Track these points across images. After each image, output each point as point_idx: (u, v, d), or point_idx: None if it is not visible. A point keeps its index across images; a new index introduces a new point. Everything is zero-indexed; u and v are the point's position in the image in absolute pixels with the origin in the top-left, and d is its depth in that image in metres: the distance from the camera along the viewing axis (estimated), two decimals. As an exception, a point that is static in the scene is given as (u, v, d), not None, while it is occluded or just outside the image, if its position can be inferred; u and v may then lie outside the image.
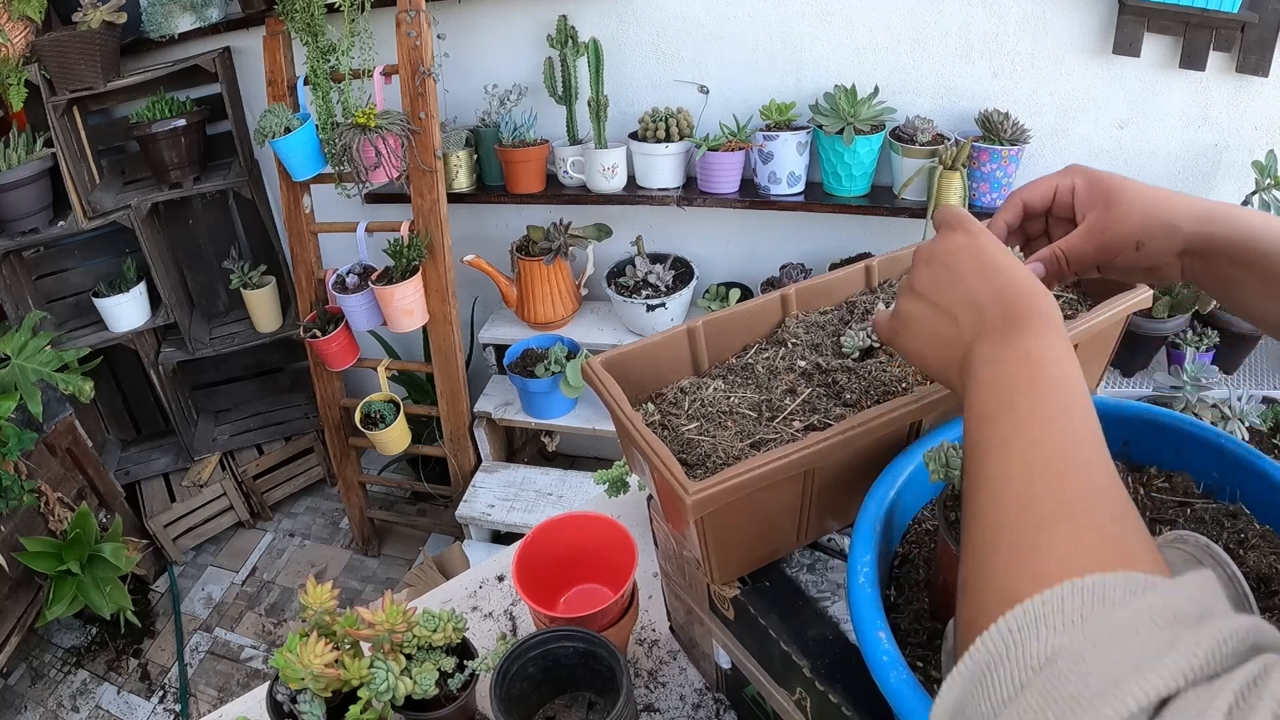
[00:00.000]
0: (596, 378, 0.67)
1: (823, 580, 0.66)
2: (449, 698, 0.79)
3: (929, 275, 0.52)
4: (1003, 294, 0.48)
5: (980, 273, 0.50)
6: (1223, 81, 1.70)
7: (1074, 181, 0.61)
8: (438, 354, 2.20)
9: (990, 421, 0.43)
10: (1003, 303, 0.48)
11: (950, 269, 0.51)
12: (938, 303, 0.51)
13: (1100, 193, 0.59)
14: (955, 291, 0.50)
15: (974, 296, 0.49)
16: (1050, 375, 0.43)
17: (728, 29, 1.94)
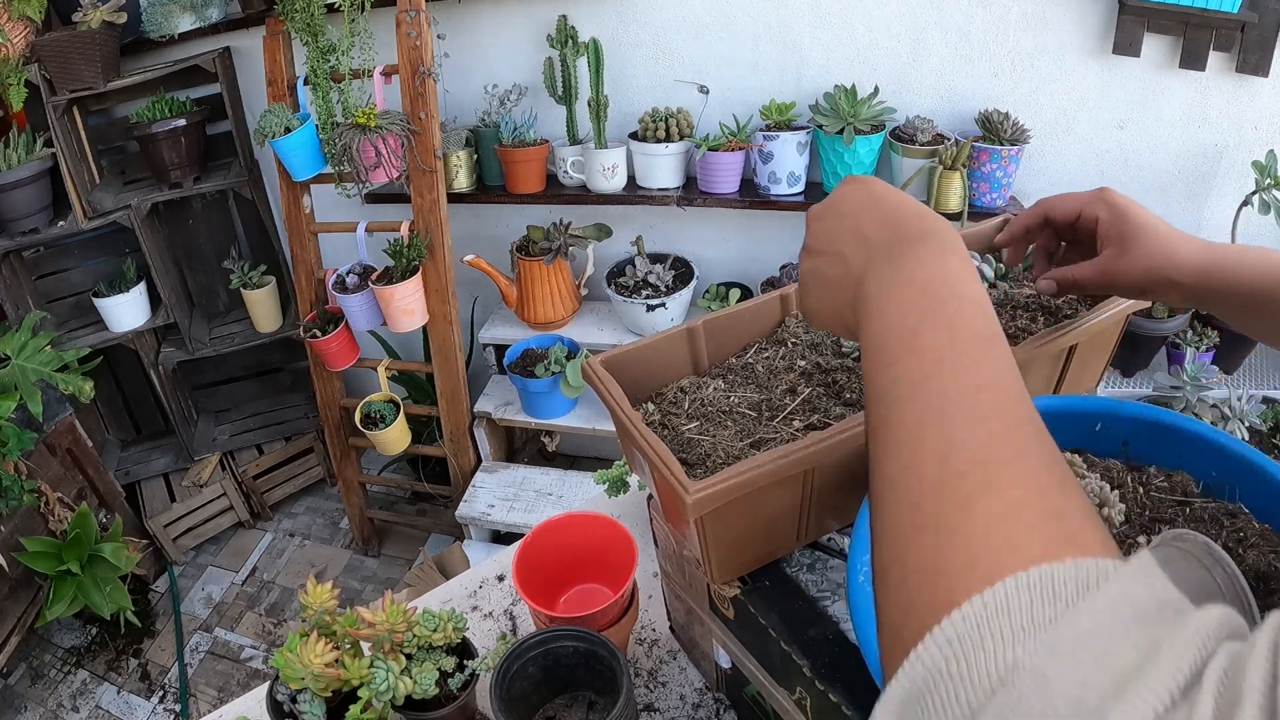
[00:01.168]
0: (596, 377, 0.67)
1: (823, 580, 0.66)
2: (449, 698, 0.79)
3: (817, 228, 0.50)
4: (891, 220, 0.45)
5: (868, 207, 0.47)
6: (1223, 81, 1.70)
7: (1099, 213, 0.60)
8: (438, 354, 2.20)
9: (891, 365, 0.37)
10: (892, 228, 0.44)
11: (837, 213, 0.49)
12: (826, 250, 0.48)
13: (1118, 233, 0.59)
14: (842, 232, 0.47)
15: (860, 229, 0.46)
16: (956, 302, 0.38)
17: (728, 29, 1.94)
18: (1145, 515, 0.60)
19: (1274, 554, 0.53)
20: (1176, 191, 1.86)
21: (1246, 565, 0.53)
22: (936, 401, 0.35)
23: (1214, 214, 1.86)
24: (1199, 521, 0.58)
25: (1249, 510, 0.58)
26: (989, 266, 0.82)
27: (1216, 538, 0.56)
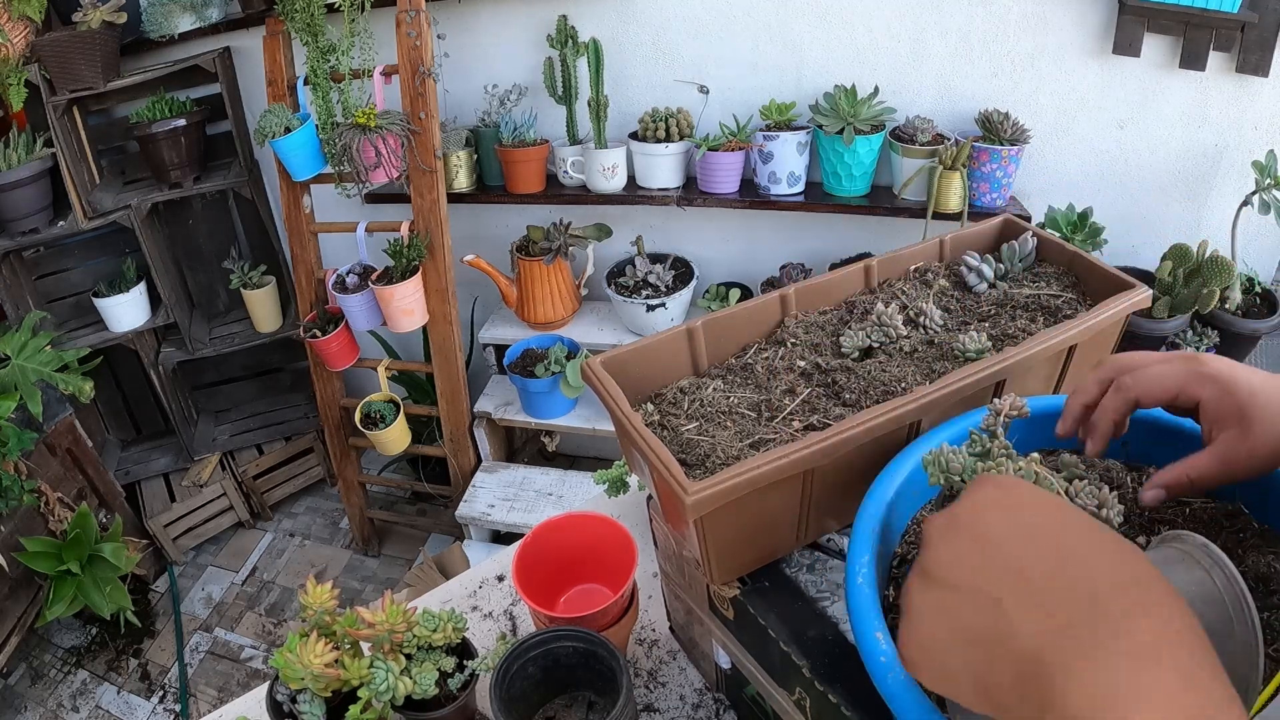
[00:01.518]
0: (596, 378, 0.67)
1: (822, 580, 0.66)
2: (449, 698, 0.79)
3: (946, 551, 0.37)
4: (1068, 555, 0.33)
5: (1027, 537, 0.35)
6: (1223, 81, 1.70)
7: (1202, 393, 0.50)
8: (438, 354, 2.20)
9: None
10: (1082, 581, 0.32)
11: (976, 534, 0.36)
12: (959, 583, 0.35)
13: (1233, 409, 0.49)
14: (992, 564, 0.34)
15: (1020, 568, 0.33)
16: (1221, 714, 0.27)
17: (728, 29, 1.94)
18: (1145, 516, 0.59)
19: (1274, 555, 0.53)
20: (1176, 191, 1.86)
21: (1246, 566, 0.53)
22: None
23: (1214, 214, 1.86)
24: (1199, 522, 0.58)
25: (1249, 511, 0.58)
26: (989, 266, 0.82)
27: (1216, 539, 0.56)
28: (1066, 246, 0.82)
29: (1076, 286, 0.79)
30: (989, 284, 0.82)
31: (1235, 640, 0.42)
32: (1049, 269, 0.83)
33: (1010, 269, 0.84)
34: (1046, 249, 0.85)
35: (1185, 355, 0.53)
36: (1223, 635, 0.43)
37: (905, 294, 0.81)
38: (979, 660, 0.33)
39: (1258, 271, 1.84)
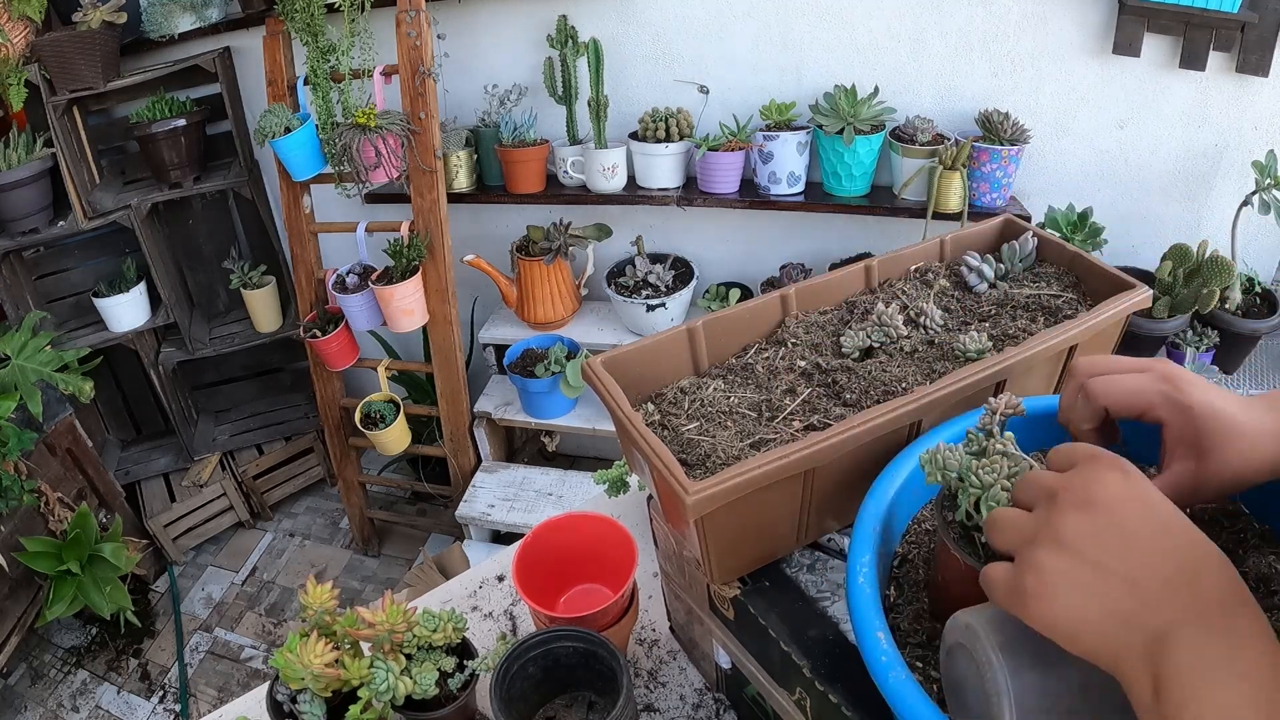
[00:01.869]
0: (596, 378, 0.67)
1: (822, 580, 0.66)
2: (449, 698, 0.79)
3: (1086, 524, 0.41)
4: (1197, 569, 0.39)
5: (1157, 531, 0.40)
6: (1223, 81, 1.70)
7: (1164, 416, 0.52)
8: (438, 354, 2.20)
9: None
10: (1199, 581, 0.39)
11: (1116, 519, 0.41)
12: (1103, 561, 0.40)
13: (1191, 442, 0.51)
14: (1131, 551, 0.40)
15: (1153, 563, 0.39)
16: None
17: (728, 29, 1.94)
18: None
19: (1274, 555, 0.53)
20: (1176, 191, 1.86)
21: (1246, 567, 0.53)
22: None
23: (1214, 214, 1.86)
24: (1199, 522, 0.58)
25: (1249, 511, 0.58)
26: (989, 266, 0.82)
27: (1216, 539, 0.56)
28: (1067, 246, 0.82)
29: (1077, 286, 0.79)
30: (989, 284, 0.82)
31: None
32: (1049, 269, 0.83)
33: (1010, 269, 0.84)
34: (1047, 249, 0.85)
35: (1161, 371, 0.53)
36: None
37: (905, 294, 0.81)
38: (1115, 638, 0.39)
39: (1258, 271, 1.84)
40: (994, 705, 0.43)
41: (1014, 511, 0.46)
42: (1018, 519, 0.45)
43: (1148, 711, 0.37)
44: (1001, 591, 0.43)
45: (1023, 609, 0.42)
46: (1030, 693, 0.42)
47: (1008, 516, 0.46)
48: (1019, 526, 0.44)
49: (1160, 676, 0.37)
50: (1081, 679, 0.42)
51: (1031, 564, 0.42)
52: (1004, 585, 0.43)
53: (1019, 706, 0.42)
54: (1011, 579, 0.43)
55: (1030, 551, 0.42)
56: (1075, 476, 0.43)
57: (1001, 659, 0.43)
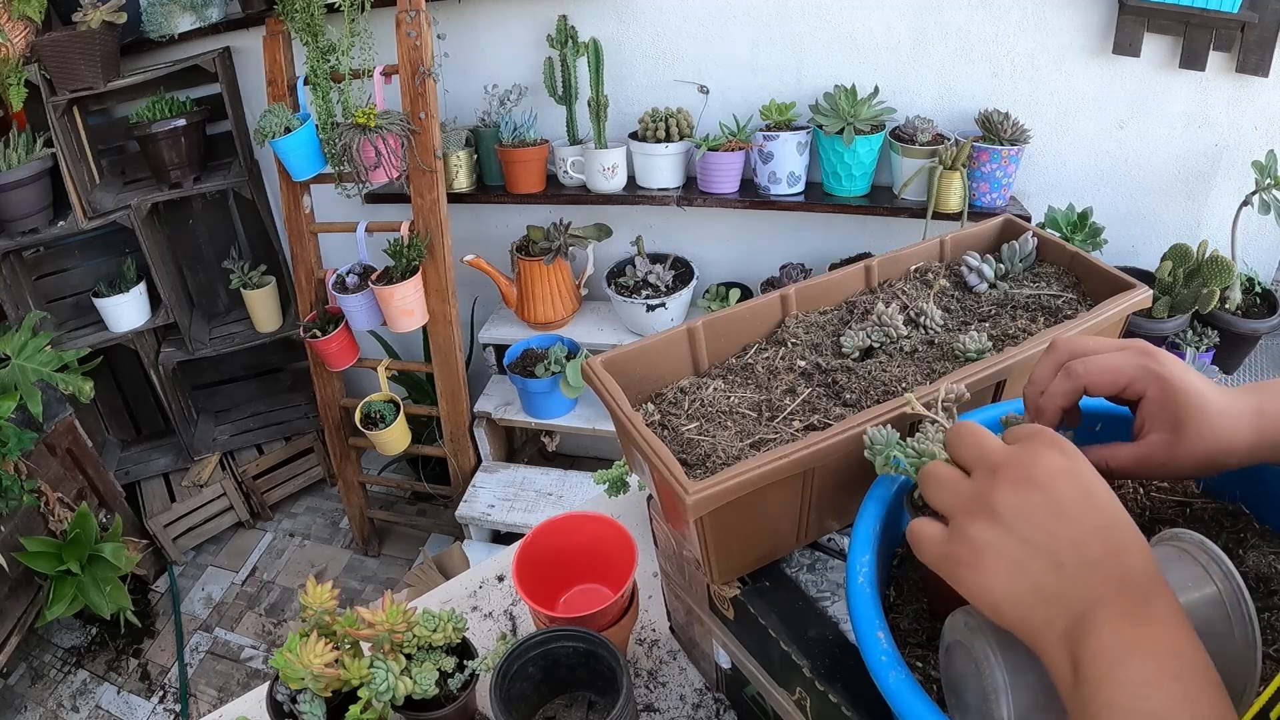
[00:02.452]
0: (596, 378, 0.67)
1: (822, 580, 0.66)
2: (449, 698, 0.79)
3: (1021, 501, 0.42)
4: (1116, 545, 0.40)
5: (1086, 509, 0.41)
6: (1223, 81, 1.70)
7: (1148, 391, 0.52)
8: (438, 354, 2.20)
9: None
10: (1119, 558, 0.40)
11: (1051, 498, 0.42)
12: (1032, 538, 0.41)
13: (1169, 416, 0.51)
14: (1060, 531, 0.41)
15: (1081, 542, 0.41)
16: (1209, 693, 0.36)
17: (728, 29, 1.94)
18: (1146, 516, 0.60)
19: (1274, 555, 0.53)
20: (1176, 191, 1.86)
21: (1246, 567, 0.53)
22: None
23: (1214, 214, 1.86)
24: (1199, 522, 0.58)
25: (1249, 511, 0.58)
26: (989, 266, 0.82)
27: (1216, 539, 0.56)
28: (1066, 246, 0.82)
29: (1077, 286, 0.79)
30: (989, 284, 0.82)
31: (1233, 638, 0.42)
32: (1049, 269, 0.83)
33: (1010, 269, 0.84)
34: (1047, 249, 0.85)
35: (1139, 347, 0.53)
36: (1221, 634, 0.43)
37: (905, 294, 0.81)
38: (1040, 617, 0.40)
39: (1258, 271, 1.84)
40: (992, 703, 0.43)
41: (952, 471, 0.47)
42: (955, 482, 0.46)
43: (1068, 691, 0.39)
44: (931, 553, 0.45)
45: (950, 575, 0.44)
46: (1028, 690, 0.43)
47: (945, 474, 0.47)
48: (956, 490, 0.46)
49: (1079, 656, 0.38)
50: None
51: (965, 534, 0.43)
52: (934, 548, 0.45)
53: (1016, 704, 0.42)
54: (943, 545, 0.44)
55: (965, 521, 0.44)
56: (1019, 452, 0.44)
57: (1000, 657, 0.43)
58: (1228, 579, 0.44)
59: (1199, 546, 0.46)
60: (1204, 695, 0.36)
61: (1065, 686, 0.39)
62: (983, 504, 0.43)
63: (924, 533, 0.46)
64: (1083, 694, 0.38)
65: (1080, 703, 0.38)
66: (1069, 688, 0.39)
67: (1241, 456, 0.50)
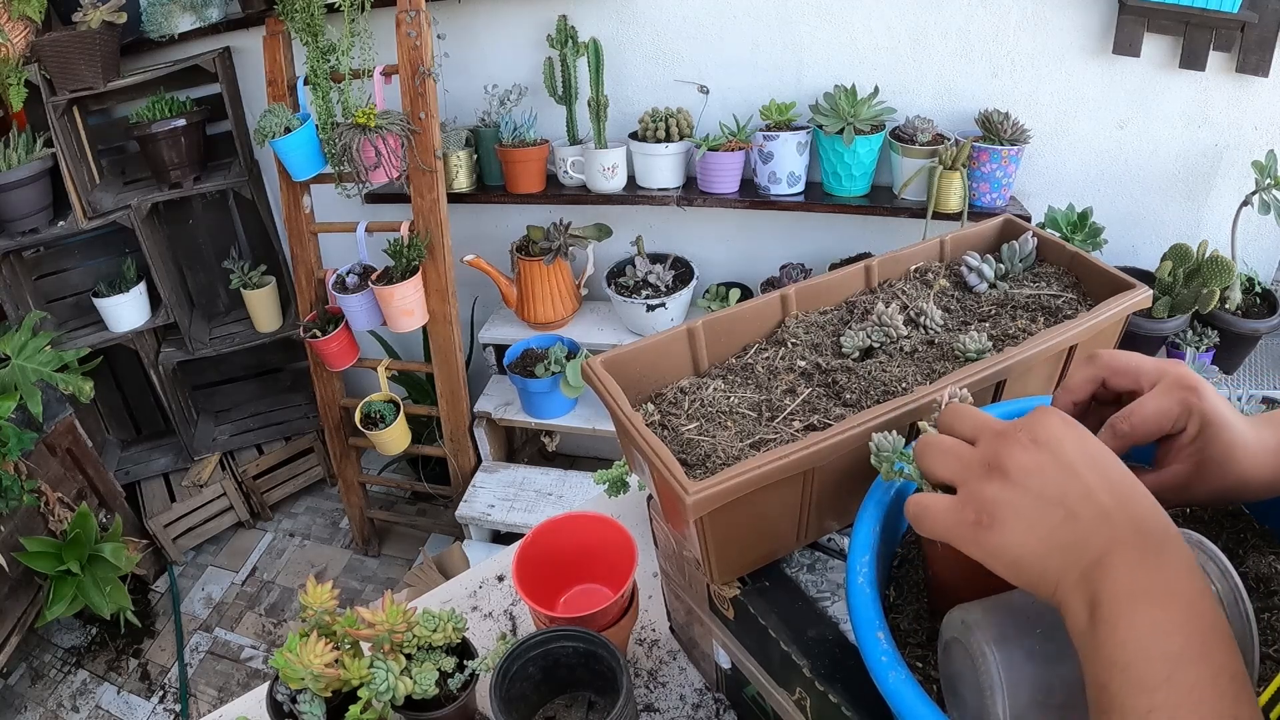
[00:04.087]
0: (596, 378, 0.67)
1: (822, 580, 0.66)
2: (449, 698, 0.79)
3: (1030, 459, 0.43)
4: (1126, 498, 0.41)
5: (1093, 467, 0.42)
6: (1223, 81, 1.70)
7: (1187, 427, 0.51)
8: (438, 354, 2.20)
9: (1146, 691, 0.36)
10: (1130, 509, 0.41)
11: (1058, 457, 0.43)
12: (1044, 493, 0.42)
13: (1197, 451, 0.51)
14: (1070, 486, 0.42)
15: (1091, 494, 0.41)
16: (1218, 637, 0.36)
17: (728, 29, 1.94)
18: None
19: (1274, 556, 0.53)
20: (1176, 191, 1.86)
21: (1246, 567, 0.53)
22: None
23: (1214, 214, 1.86)
24: (1199, 523, 0.58)
25: (1249, 512, 0.58)
26: (989, 266, 0.82)
27: (1217, 539, 0.56)
28: (1066, 246, 0.82)
29: (1077, 286, 0.79)
30: (989, 284, 0.82)
31: (1233, 637, 0.42)
32: (1049, 269, 0.83)
33: (1010, 269, 0.84)
34: (1047, 249, 0.85)
35: (1179, 378, 0.51)
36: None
37: (905, 294, 0.81)
38: (1057, 565, 0.41)
39: (1258, 271, 1.84)
40: (988, 699, 0.43)
41: (953, 440, 0.47)
42: (958, 448, 0.46)
43: (1083, 635, 0.39)
44: (941, 522, 0.45)
45: (965, 538, 0.44)
46: (1024, 686, 0.43)
47: (946, 443, 0.47)
48: (961, 456, 0.46)
49: (1095, 598, 0.39)
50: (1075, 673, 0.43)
51: (978, 495, 0.44)
52: (944, 516, 0.45)
53: (1012, 700, 0.42)
54: (955, 511, 0.44)
55: (976, 484, 0.44)
56: (1021, 420, 0.46)
57: (995, 653, 0.43)
58: (1226, 578, 0.44)
59: (1198, 546, 0.46)
60: (1220, 646, 0.36)
61: (1080, 630, 0.39)
62: (993, 465, 0.44)
63: (930, 503, 0.45)
64: (1099, 635, 0.38)
65: (1096, 644, 0.38)
66: (1084, 631, 0.39)
67: (1256, 491, 0.50)
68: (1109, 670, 0.37)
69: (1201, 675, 0.35)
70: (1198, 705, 0.34)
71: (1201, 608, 0.37)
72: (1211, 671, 0.35)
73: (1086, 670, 0.38)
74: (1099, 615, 0.38)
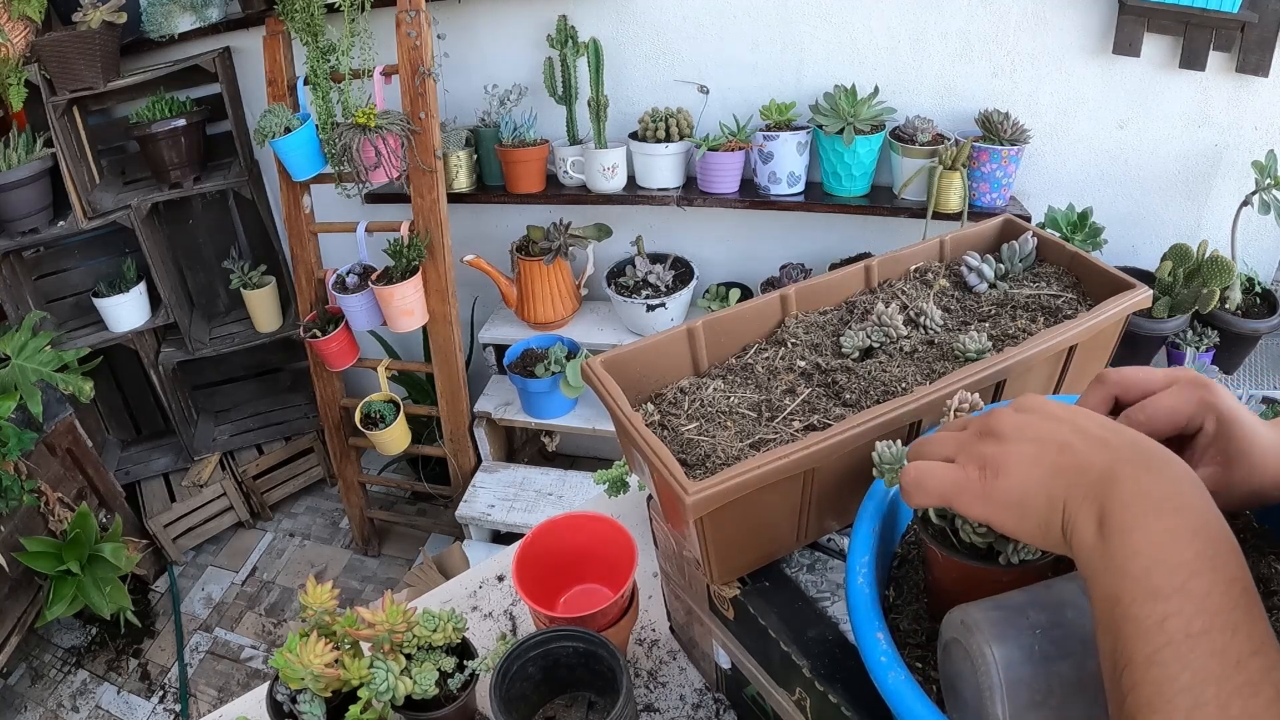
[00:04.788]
0: (596, 378, 0.67)
1: (822, 580, 0.66)
2: (449, 698, 0.79)
3: (1019, 418, 0.45)
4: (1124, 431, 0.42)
5: (1082, 417, 0.44)
6: (1223, 81, 1.70)
7: (1205, 424, 0.51)
8: (438, 354, 2.20)
9: (1158, 599, 0.35)
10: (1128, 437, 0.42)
11: (1045, 413, 0.45)
12: (1040, 436, 0.43)
13: (1222, 450, 0.50)
14: (1060, 429, 0.43)
15: (1085, 428, 0.43)
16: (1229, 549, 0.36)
17: (728, 29, 1.94)
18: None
19: (1274, 556, 0.53)
20: (1176, 191, 1.86)
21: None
22: (1215, 664, 0.33)
23: (1214, 214, 1.86)
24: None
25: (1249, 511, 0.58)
26: (989, 266, 0.82)
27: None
28: (1066, 246, 0.82)
29: (1077, 286, 0.79)
30: (989, 284, 0.82)
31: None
32: (1049, 269, 0.83)
33: (1010, 269, 0.84)
34: (1046, 249, 0.85)
35: (1191, 379, 0.52)
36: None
37: (905, 294, 0.81)
38: (1061, 487, 0.41)
39: (1258, 271, 1.84)
40: (987, 699, 0.43)
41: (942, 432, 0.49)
42: (950, 434, 0.48)
43: (1091, 549, 0.38)
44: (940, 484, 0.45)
45: (967, 494, 0.44)
46: (1023, 687, 0.43)
47: (937, 435, 0.49)
48: (955, 436, 0.47)
49: (1104, 510, 0.39)
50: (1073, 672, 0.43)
51: (978, 455, 0.45)
52: (943, 477, 0.45)
53: (1012, 701, 0.43)
54: (958, 470, 0.45)
55: (971, 447, 0.46)
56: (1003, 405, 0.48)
57: (995, 654, 0.43)
58: None
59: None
60: (1231, 557, 0.36)
61: (1088, 545, 0.39)
62: (985, 433, 0.46)
63: (929, 468, 0.46)
64: (1110, 546, 0.37)
65: (1107, 555, 0.37)
66: (1093, 544, 0.38)
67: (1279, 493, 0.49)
68: (1120, 580, 0.36)
69: (1215, 583, 0.35)
70: (1213, 614, 0.34)
71: (1211, 519, 0.37)
72: (1225, 581, 0.35)
73: (1094, 586, 0.38)
74: (1109, 526, 0.38)
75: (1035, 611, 0.45)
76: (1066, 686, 0.43)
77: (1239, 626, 0.34)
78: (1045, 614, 0.45)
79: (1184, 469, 0.40)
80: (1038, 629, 0.44)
